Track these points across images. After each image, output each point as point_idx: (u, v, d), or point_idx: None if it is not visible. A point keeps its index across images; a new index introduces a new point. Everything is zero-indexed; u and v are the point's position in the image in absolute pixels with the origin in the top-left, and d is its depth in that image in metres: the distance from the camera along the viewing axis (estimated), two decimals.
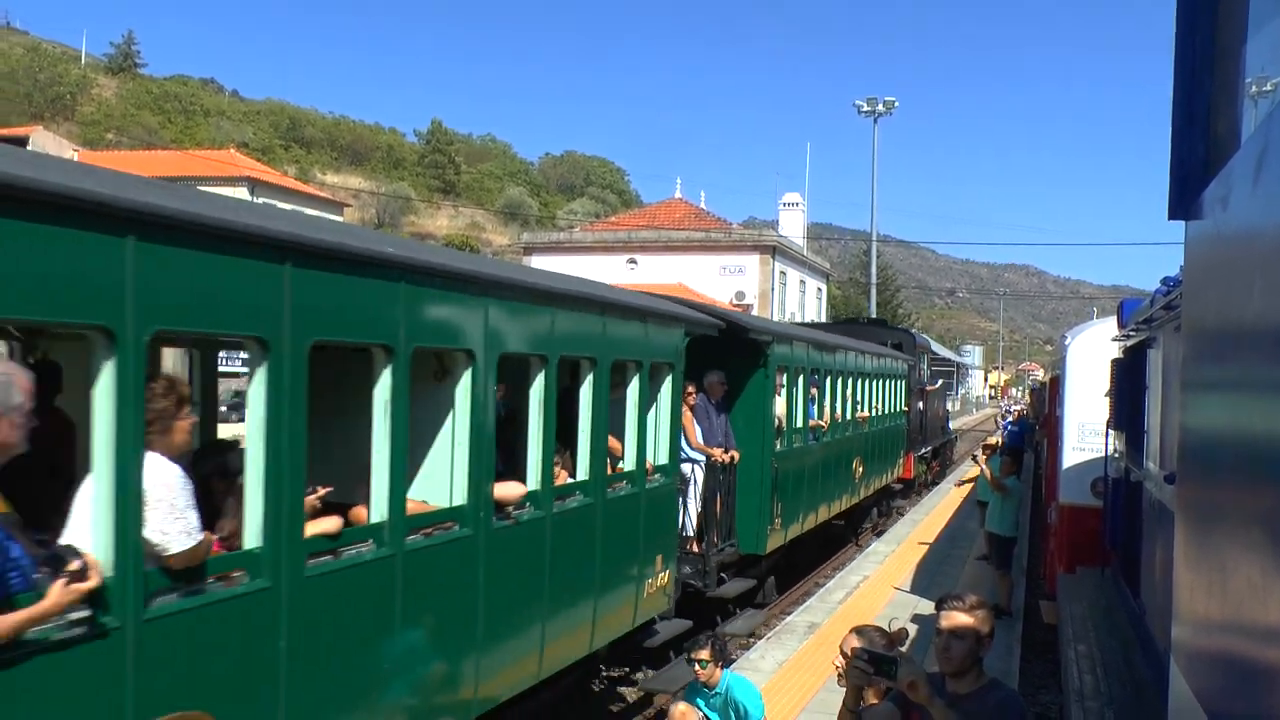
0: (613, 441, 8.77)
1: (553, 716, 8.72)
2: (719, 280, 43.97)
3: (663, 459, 9.94)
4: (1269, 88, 2.56)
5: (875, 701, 5.15)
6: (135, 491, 4.05)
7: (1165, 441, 7.46)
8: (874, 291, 54.00)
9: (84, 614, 3.79)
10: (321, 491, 5.28)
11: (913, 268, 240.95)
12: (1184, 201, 3.25)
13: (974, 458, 20.64)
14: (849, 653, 4.45)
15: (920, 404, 27.93)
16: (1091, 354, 13.38)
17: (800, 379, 15.16)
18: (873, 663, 4.23)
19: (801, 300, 53.03)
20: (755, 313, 42.60)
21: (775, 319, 37.90)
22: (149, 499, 4.15)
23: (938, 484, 30.60)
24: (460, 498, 6.43)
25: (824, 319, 49.71)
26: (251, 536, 4.76)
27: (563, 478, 7.93)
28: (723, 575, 12.22)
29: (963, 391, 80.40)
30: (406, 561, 5.78)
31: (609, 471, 8.70)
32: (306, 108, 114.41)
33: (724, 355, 12.07)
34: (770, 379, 13.16)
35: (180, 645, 4.29)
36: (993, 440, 23.76)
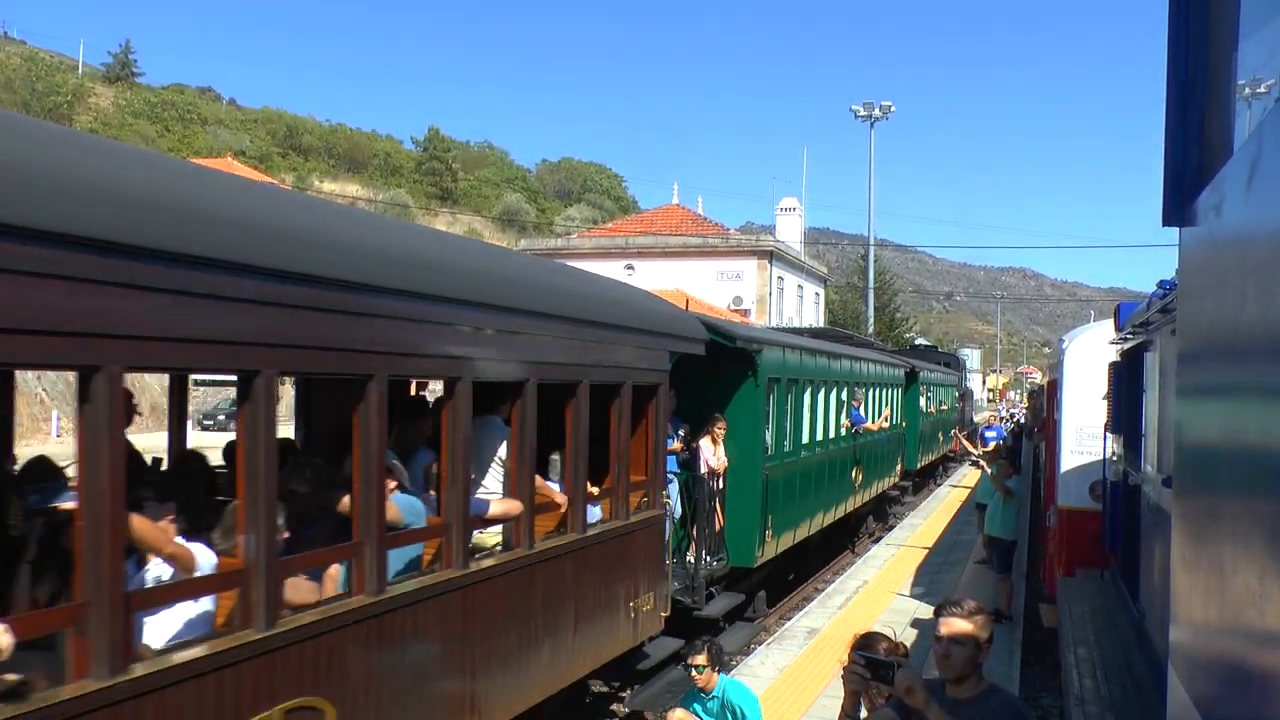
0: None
1: None
2: (716, 286, 43.99)
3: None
4: (1263, 89, 2.57)
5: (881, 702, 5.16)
6: None
7: (1163, 445, 7.47)
8: (871, 296, 54.03)
9: None
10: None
11: (910, 271, 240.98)
12: (1178, 208, 3.25)
13: (974, 462, 20.70)
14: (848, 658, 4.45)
15: (961, 402, 45.60)
16: (1089, 357, 13.40)
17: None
18: (870, 667, 4.23)
19: (799, 305, 53.05)
20: (753, 319, 42.62)
21: (773, 324, 37.92)
22: None
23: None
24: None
25: (822, 324, 49.69)
26: None
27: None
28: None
29: None
30: None
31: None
32: (304, 115, 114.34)
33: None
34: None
35: None
36: (993, 445, 23.82)
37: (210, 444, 9.46)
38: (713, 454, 12.14)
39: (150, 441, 9.72)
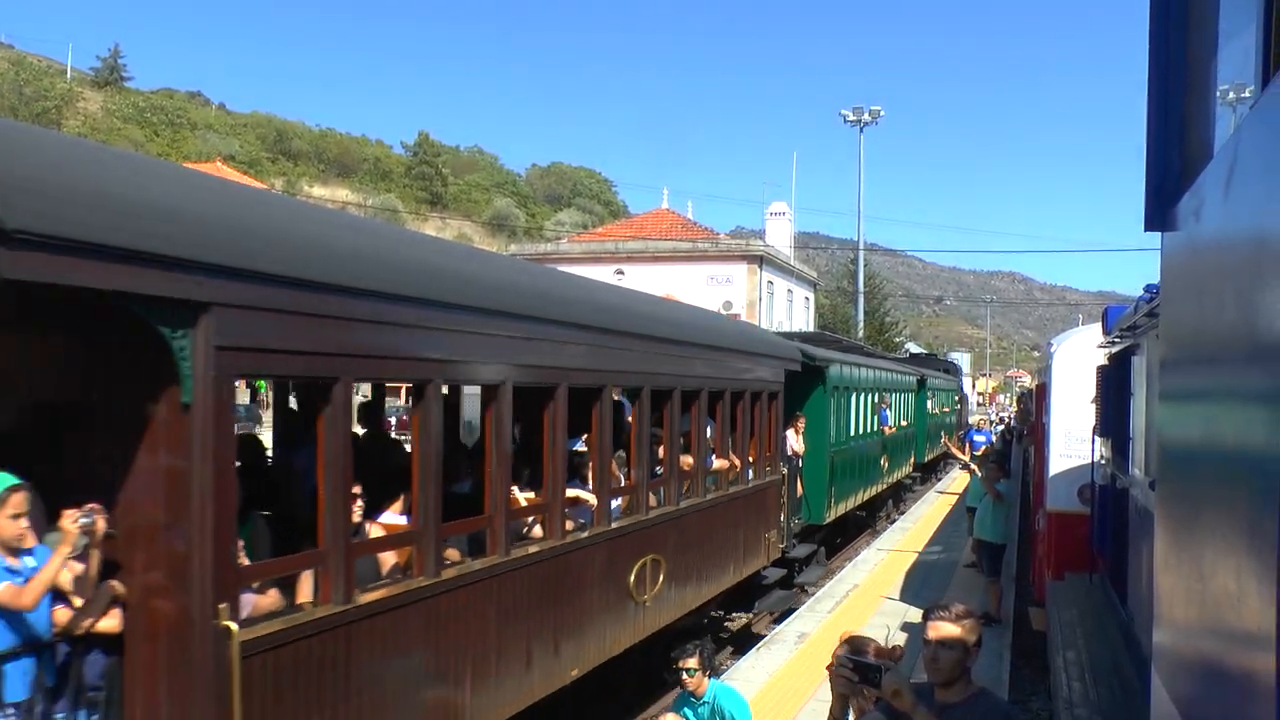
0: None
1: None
2: (706, 290, 43.97)
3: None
4: (1246, 94, 2.59)
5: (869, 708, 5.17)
6: None
7: (1150, 448, 7.50)
8: (861, 300, 54.15)
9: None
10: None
11: (900, 276, 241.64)
12: (1160, 213, 3.27)
13: (964, 466, 20.88)
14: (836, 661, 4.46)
15: (960, 405, 51.61)
16: (1077, 361, 13.43)
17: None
18: (858, 670, 4.24)
19: (789, 310, 53.11)
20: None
21: (762, 328, 38.10)
22: None
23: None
24: None
25: (812, 328, 49.78)
26: None
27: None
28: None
29: None
30: None
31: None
32: (294, 120, 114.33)
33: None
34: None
35: None
36: (982, 449, 23.87)
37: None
38: (796, 441, 16.86)
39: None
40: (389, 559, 6.50)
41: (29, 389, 5.05)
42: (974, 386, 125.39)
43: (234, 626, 4.67)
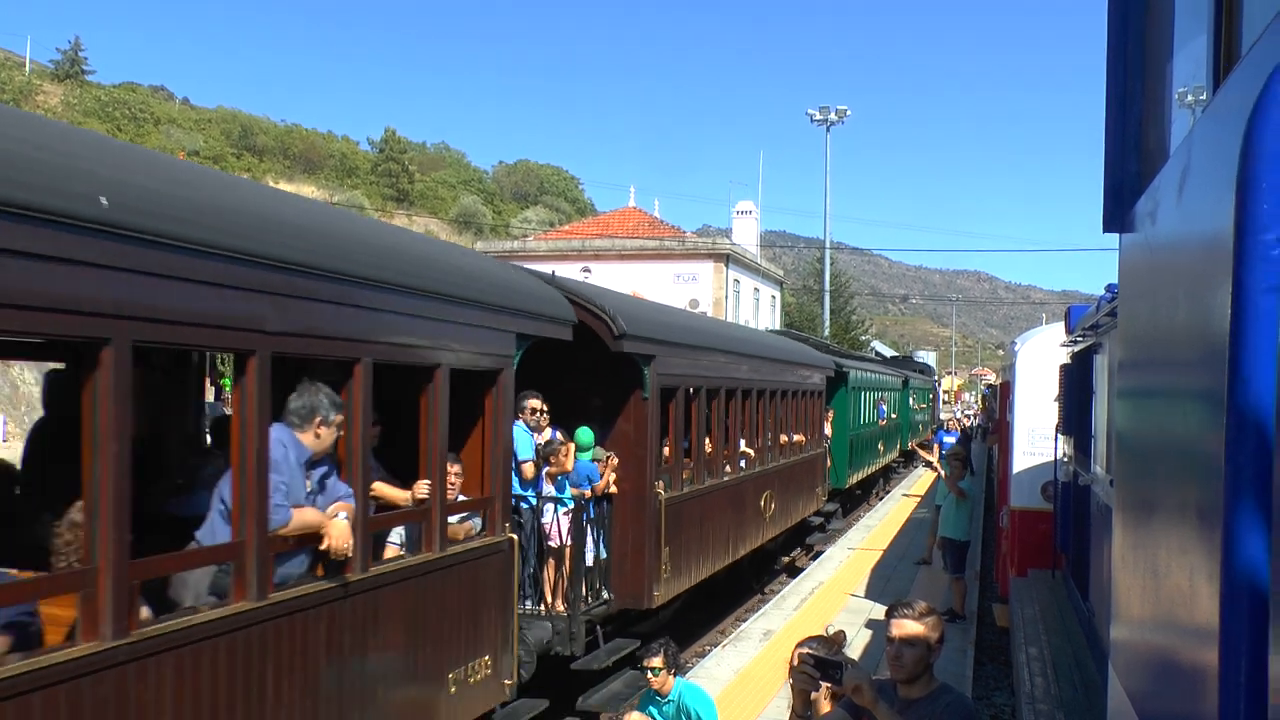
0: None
1: None
2: (673, 288, 44.02)
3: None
4: (1201, 98, 2.63)
5: (827, 708, 5.20)
6: None
7: (1111, 446, 7.58)
8: (827, 299, 54.36)
9: None
10: None
11: (866, 274, 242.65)
12: (1118, 214, 3.31)
13: (929, 464, 21.18)
14: (796, 662, 4.48)
15: (934, 402, 59.82)
16: (1040, 359, 13.57)
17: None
18: (819, 667, 4.26)
19: (755, 308, 53.26)
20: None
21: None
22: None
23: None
24: None
25: (778, 327, 49.94)
26: None
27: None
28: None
29: None
30: None
31: None
32: (259, 116, 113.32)
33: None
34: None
35: None
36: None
37: None
38: (826, 427, 22.24)
39: None
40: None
41: None
42: (940, 384, 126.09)
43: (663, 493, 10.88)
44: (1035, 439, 13.68)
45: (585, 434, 10.05)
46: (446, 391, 6.80)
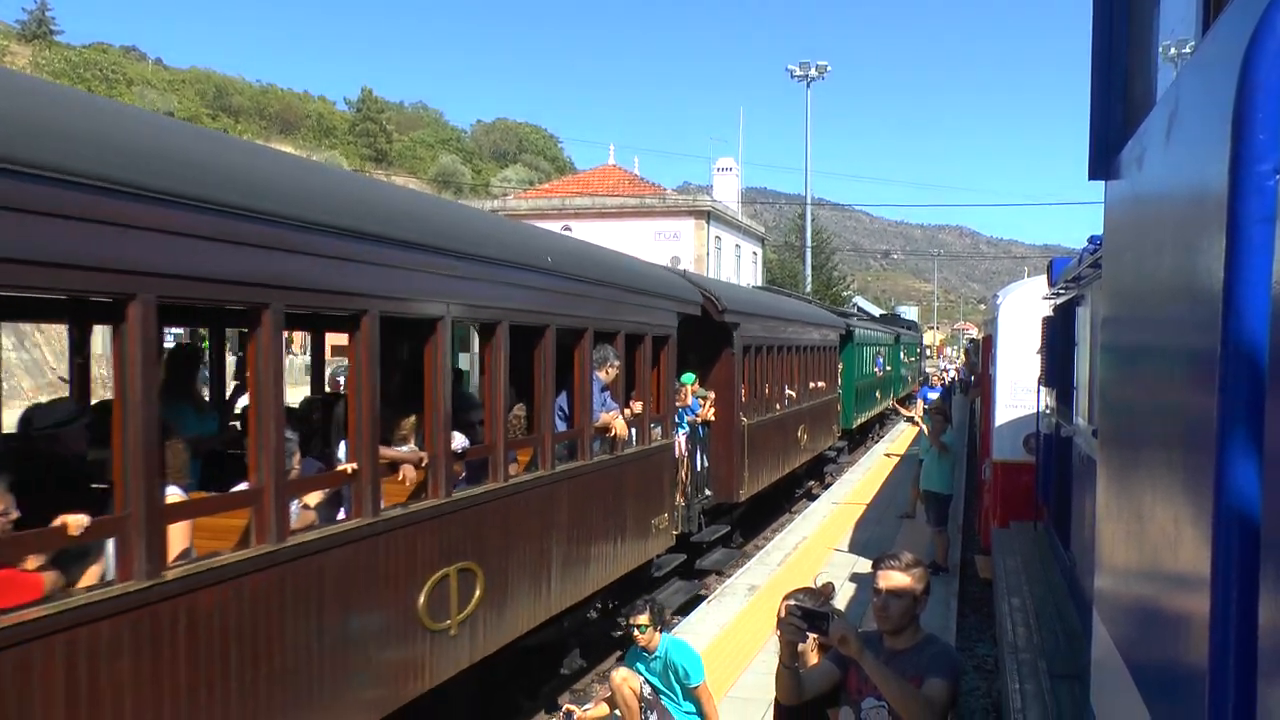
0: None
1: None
2: (654, 246, 43.88)
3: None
4: (1187, 50, 2.61)
5: (815, 659, 5.24)
6: None
7: (1094, 398, 7.61)
8: (809, 255, 54.28)
9: None
10: None
11: (848, 230, 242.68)
12: (1103, 162, 3.30)
13: (911, 419, 21.28)
14: (783, 613, 4.51)
15: (920, 356, 64.94)
16: (1023, 312, 13.58)
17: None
18: (806, 618, 4.28)
19: (737, 265, 53.21)
20: None
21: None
22: None
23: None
24: None
25: (760, 283, 49.92)
26: None
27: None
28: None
29: None
30: None
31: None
32: (233, 76, 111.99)
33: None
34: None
35: None
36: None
37: None
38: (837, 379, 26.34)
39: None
40: None
41: None
42: (922, 339, 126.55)
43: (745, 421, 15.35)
44: (1017, 392, 13.72)
45: (687, 377, 13.82)
46: (650, 349, 11.26)
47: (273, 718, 5.13)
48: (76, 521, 4.11)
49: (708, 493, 14.74)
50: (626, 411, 10.50)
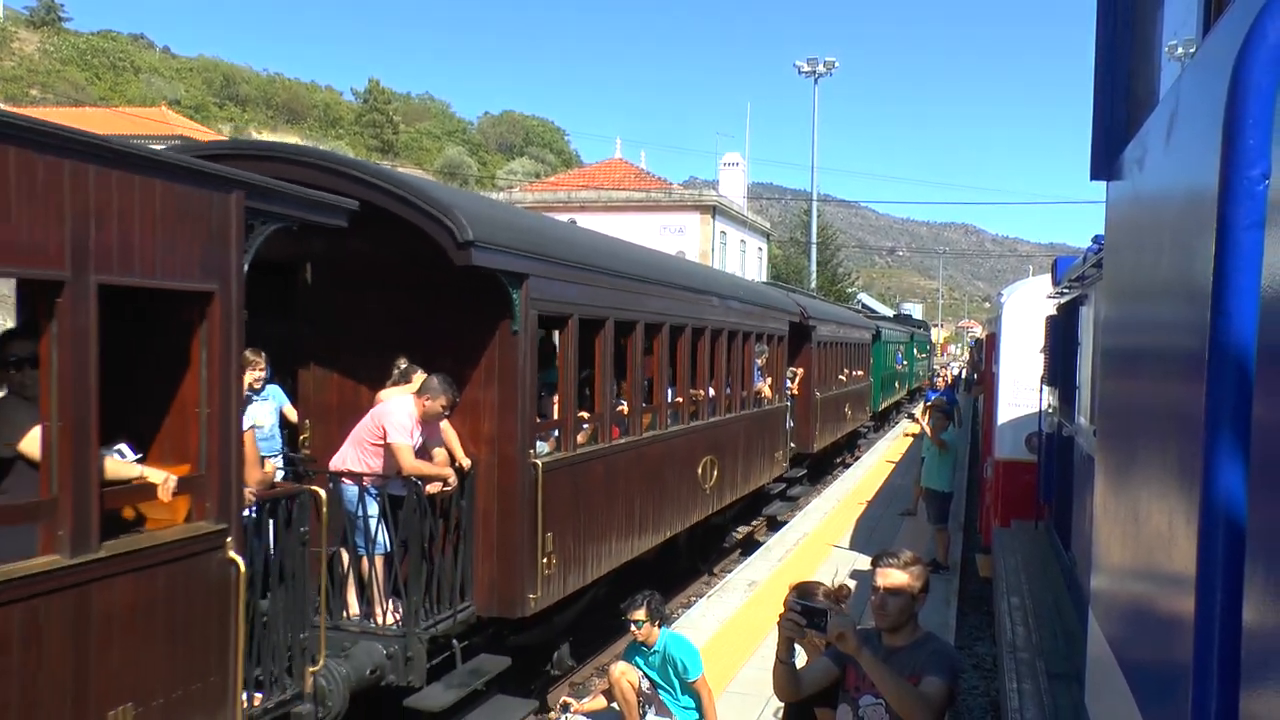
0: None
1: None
2: (660, 240, 43.78)
3: None
4: (1191, 51, 2.60)
5: (813, 655, 5.25)
6: None
7: (1095, 397, 7.60)
8: (814, 251, 54.25)
9: None
10: None
11: (853, 227, 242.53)
12: (1106, 162, 3.30)
13: (911, 416, 21.39)
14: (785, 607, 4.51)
15: (930, 353, 70.77)
16: (1026, 311, 13.57)
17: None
18: (805, 614, 4.29)
19: (743, 260, 53.15)
20: None
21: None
22: None
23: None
24: None
25: (765, 278, 49.89)
26: None
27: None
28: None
29: None
30: None
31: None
32: (241, 65, 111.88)
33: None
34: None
35: None
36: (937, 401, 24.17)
37: None
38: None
39: None
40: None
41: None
42: (930, 338, 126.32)
43: (818, 395, 22.05)
44: (1020, 390, 13.72)
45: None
46: (773, 344, 17.24)
47: (659, 525, 11.73)
48: None
49: (792, 445, 19.87)
50: (768, 381, 16.81)
